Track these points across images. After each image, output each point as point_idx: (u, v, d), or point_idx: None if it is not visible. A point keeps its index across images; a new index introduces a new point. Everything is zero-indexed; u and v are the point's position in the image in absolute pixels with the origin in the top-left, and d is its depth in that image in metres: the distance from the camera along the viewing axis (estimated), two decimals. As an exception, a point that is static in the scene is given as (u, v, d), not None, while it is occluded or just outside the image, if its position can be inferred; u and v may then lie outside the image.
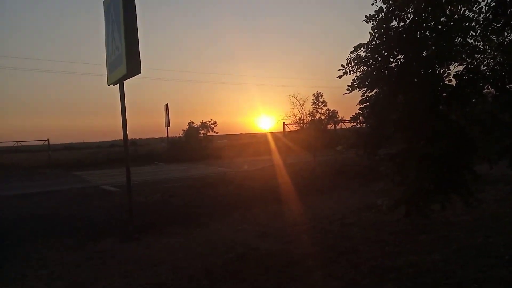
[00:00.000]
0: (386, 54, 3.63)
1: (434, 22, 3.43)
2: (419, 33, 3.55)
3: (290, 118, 18.27)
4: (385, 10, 3.65)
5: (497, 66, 3.52)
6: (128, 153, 6.85)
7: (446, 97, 3.34)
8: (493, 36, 3.54)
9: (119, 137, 6.87)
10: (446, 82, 3.40)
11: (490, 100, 3.34)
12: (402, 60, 3.64)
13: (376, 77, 3.64)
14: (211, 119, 27.27)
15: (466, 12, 3.48)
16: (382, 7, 3.69)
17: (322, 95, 17.46)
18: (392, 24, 3.63)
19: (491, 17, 3.36)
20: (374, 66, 3.67)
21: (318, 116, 17.50)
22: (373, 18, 3.68)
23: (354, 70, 3.76)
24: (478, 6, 3.48)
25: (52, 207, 9.17)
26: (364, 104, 3.71)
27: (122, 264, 5.00)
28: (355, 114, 3.80)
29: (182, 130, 27.94)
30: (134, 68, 6.04)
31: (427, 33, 3.51)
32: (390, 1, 3.68)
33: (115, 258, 5.23)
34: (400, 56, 3.64)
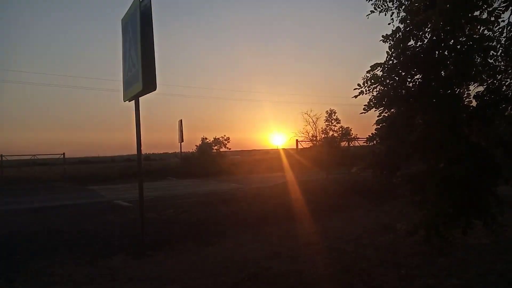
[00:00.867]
0: (404, 73, 3.58)
1: (453, 41, 3.38)
2: (438, 52, 3.49)
3: (303, 135, 18.21)
4: (402, 29, 3.61)
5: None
6: (141, 169, 6.86)
7: (466, 118, 3.26)
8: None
9: (134, 151, 6.92)
10: (466, 102, 3.33)
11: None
12: (420, 80, 3.58)
13: (393, 96, 3.58)
14: (224, 135, 27.39)
15: (486, 32, 3.43)
16: (400, 27, 3.66)
17: (336, 112, 17.38)
18: (409, 43, 3.59)
19: (513, 36, 3.30)
20: (391, 85, 3.61)
21: (331, 133, 17.39)
22: (390, 38, 3.65)
23: (371, 90, 3.70)
24: (498, 26, 3.42)
25: (65, 222, 9.21)
26: (381, 124, 3.65)
27: (133, 281, 4.95)
28: (372, 134, 3.73)
29: (196, 145, 28.09)
30: (150, 85, 6.10)
31: (446, 52, 3.46)
32: (408, 20, 3.65)
33: (126, 275, 5.18)
34: (418, 76, 3.58)
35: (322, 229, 7.60)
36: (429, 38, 3.55)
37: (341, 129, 17.54)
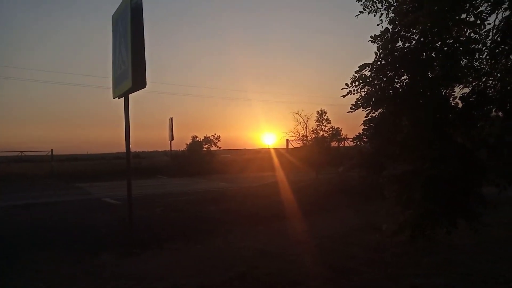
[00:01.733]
0: (391, 74, 3.61)
1: (440, 43, 3.42)
2: (425, 54, 3.53)
3: (293, 134, 18.18)
4: (391, 30, 3.64)
5: (504, 89, 3.50)
6: (130, 167, 6.83)
7: (452, 119, 3.30)
8: (501, 58, 3.52)
9: (123, 149, 6.88)
10: (452, 104, 3.37)
11: (498, 123, 3.29)
12: (407, 80, 3.61)
13: (380, 97, 3.61)
14: (215, 134, 27.28)
15: (472, 34, 3.48)
16: (388, 28, 3.69)
17: (326, 113, 17.39)
18: (397, 44, 3.62)
19: (499, 39, 3.35)
20: (379, 86, 3.64)
21: (321, 133, 17.41)
22: (378, 39, 3.67)
23: (359, 90, 3.73)
24: (485, 29, 3.47)
25: (52, 219, 9.11)
26: (368, 124, 3.68)
27: (120, 279, 4.93)
28: (359, 133, 3.76)
29: (186, 144, 27.93)
30: (139, 82, 6.07)
31: (433, 54, 3.50)
32: (396, 21, 3.68)
33: (113, 273, 5.15)
34: (405, 76, 3.62)
35: (311, 228, 7.64)
36: (417, 40, 3.58)
37: (331, 129, 17.58)
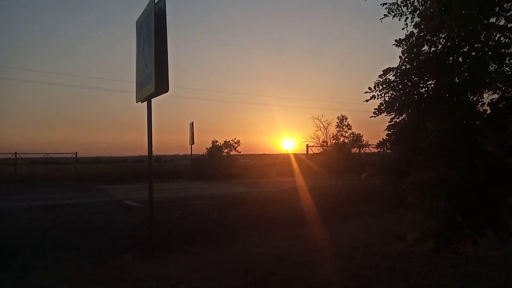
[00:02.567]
0: (416, 79, 3.53)
1: (468, 48, 3.33)
2: (452, 58, 3.44)
3: (313, 140, 18.01)
4: (416, 34, 3.57)
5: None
6: (152, 170, 6.90)
7: (480, 125, 3.20)
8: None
9: (145, 152, 6.97)
10: (480, 110, 3.27)
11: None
12: (432, 86, 3.52)
13: (405, 102, 3.53)
14: (235, 138, 27.41)
15: (502, 38, 3.36)
16: (413, 32, 3.62)
17: (347, 118, 17.17)
18: (423, 48, 3.54)
19: (530, 44, 3.23)
20: (403, 91, 3.57)
21: (342, 139, 17.18)
22: (403, 42, 3.60)
23: (382, 94, 3.66)
24: (515, 33, 3.36)
25: (75, 220, 9.31)
26: (391, 130, 3.60)
27: (140, 281, 4.96)
28: (382, 139, 3.68)
29: (206, 148, 28.16)
30: (162, 87, 6.14)
31: (460, 59, 3.40)
32: (422, 25, 3.60)
33: (134, 275, 5.19)
34: (430, 81, 3.53)
35: (331, 235, 7.53)
36: (443, 44, 3.49)
37: (352, 135, 17.35)
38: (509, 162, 3.11)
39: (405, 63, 3.50)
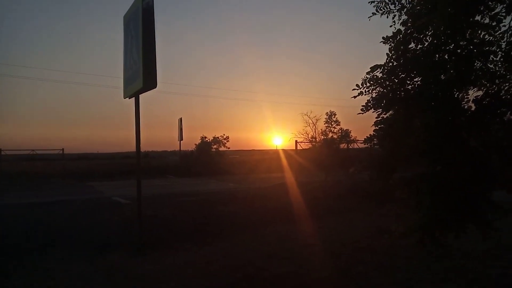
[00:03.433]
0: (403, 76, 3.57)
1: (453, 45, 3.37)
2: (438, 56, 3.48)
3: (302, 136, 18.10)
4: (403, 32, 3.61)
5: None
6: (140, 167, 6.86)
7: (465, 122, 3.25)
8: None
9: (133, 148, 6.92)
10: (465, 107, 3.32)
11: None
12: (419, 82, 3.57)
13: (392, 98, 3.57)
14: (224, 134, 27.36)
15: (487, 36, 3.42)
16: (401, 29, 3.65)
17: (335, 114, 17.30)
18: (410, 46, 3.58)
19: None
20: (390, 87, 3.60)
21: (330, 135, 17.31)
22: (390, 40, 3.64)
23: (370, 91, 3.69)
24: (500, 31, 3.41)
25: (62, 218, 9.21)
26: (379, 126, 3.64)
27: (129, 279, 4.95)
28: (370, 135, 3.72)
29: (195, 144, 28.07)
30: (150, 82, 6.10)
31: (446, 56, 3.45)
32: (409, 23, 3.64)
33: (122, 273, 5.17)
34: (417, 78, 3.57)
35: (320, 231, 7.59)
36: (429, 41, 3.54)
37: (340, 131, 17.47)
38: (492, 158, 3.18)
39: (392, 60, 3.54)
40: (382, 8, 4.15)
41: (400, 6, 4.12)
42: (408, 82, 3.59)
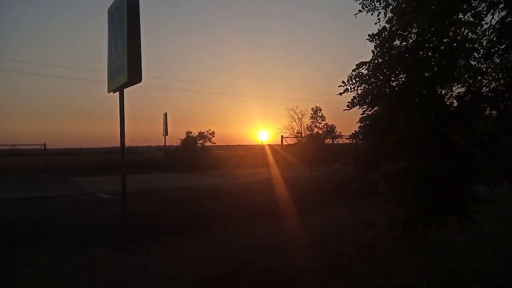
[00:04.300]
0: (388, 73, 3.63)
1: (437, 42, 3.45)
2: (422, 53, 3.55)
3: (288, 131, 18.20)
4: (388, 29, 3.66)
5: (498, 88, 3.52)
6: (124, 161, 6.79)
7: (447, 118, 3.33)
8: (496, 57, 3.55)
9: (117, 143, 6.85)
10: (448, 103, 3.40)
11: (492, 122, 3.32)
12: (403, 79, 3.64)
13: (377, 95, 3.63)
14: (209, 129, 27.25)
15: (469, 34, 3.50)
16: (386, 27, 3.71)
17: (321, 110, 17.46)
18: (395, 43, 3.65)
19: (495, 38, 3.37)
20: (376, 84, 3.67)
21: (316, 130, 17.47)
22: (376, 37, 3.70)
23: (355, 88, 3.75)
24: (481, 29, 3.50)
25: (45, 213, 9.07)
26: (364, 122, 3.70)
27: (114, 274, 4.91)
28: (355, 131, 3.78)
29: (180, 139, 27.87)
30: (135, 76, 6.03)
31: (430, 53, 3.52)
32: (394, 21, 3.70)
33: (107, 268, 5.13)
34: (402, 75, 3.64)
35: (305, 224, 7.66)
36: (414, 39, 3.61)
37: (325, 126, 17.64)
38: (474, 153, 3.27)
39: (377, 57, 3.60)
40: (367, 5, 4.21)
41: (385, 3, 4.18)
42: (392, 79, 3.66)
